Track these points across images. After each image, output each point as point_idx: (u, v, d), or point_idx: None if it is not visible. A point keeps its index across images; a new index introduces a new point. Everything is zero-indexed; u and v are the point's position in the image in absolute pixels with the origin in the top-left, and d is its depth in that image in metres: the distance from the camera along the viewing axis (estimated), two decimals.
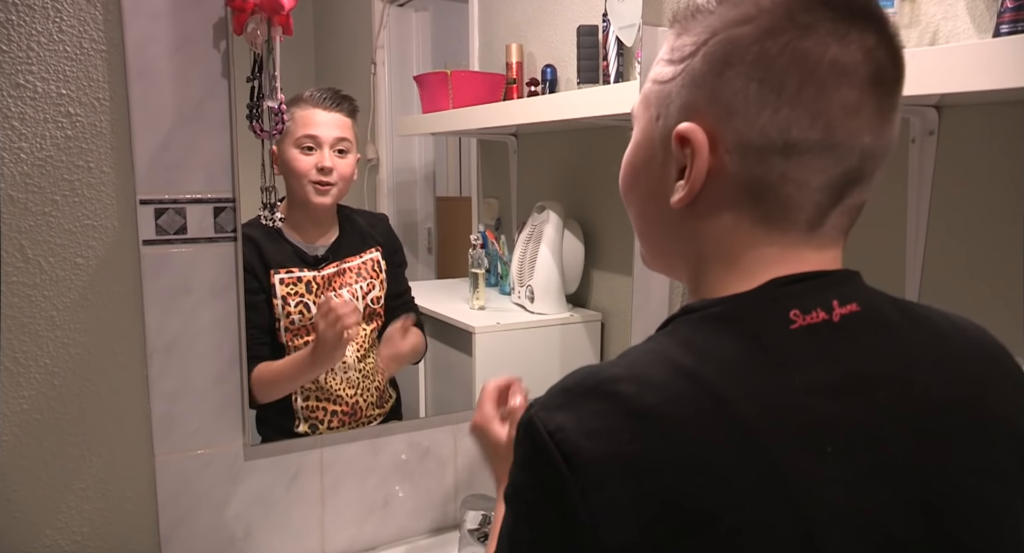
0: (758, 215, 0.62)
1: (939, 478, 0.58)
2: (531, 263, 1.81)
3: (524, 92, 1.79)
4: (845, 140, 0.59)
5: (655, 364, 0.58)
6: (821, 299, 0.60)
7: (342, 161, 1.42)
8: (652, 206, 0.69)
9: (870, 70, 0.59)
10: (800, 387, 0.57)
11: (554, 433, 0.55)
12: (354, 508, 1.36)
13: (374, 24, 1.73)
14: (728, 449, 0.53)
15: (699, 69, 0.62)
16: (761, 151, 0.59)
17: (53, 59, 1.05)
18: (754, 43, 0.59)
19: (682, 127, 0.62)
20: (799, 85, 0.58)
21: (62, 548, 1.15)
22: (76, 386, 1.13)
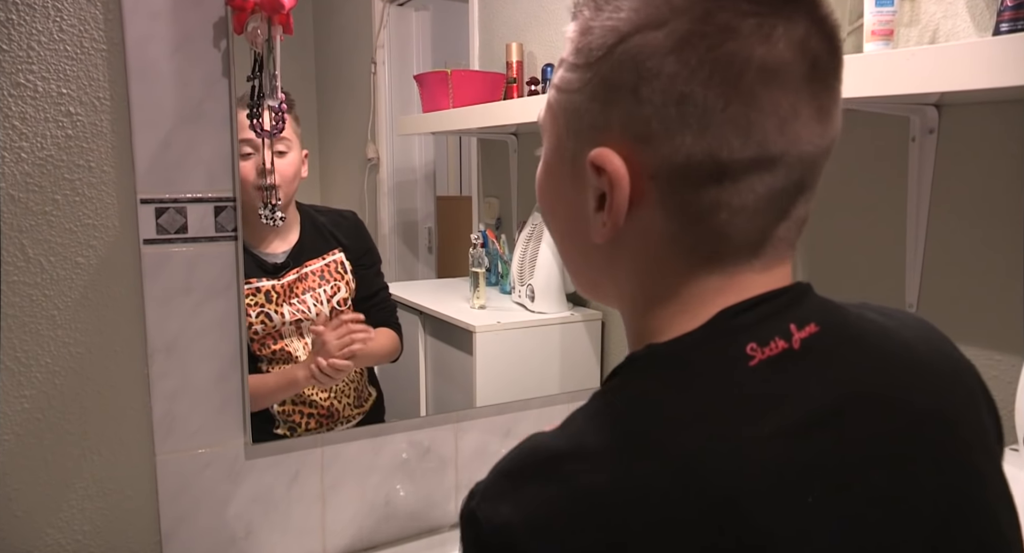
0: (692, 243, 0.54)
1: (931, 503, 0.53)
2: (531, 262, 1.81)
3: (524, 91, 1.79)
4: (783, 153, 0.52)
5: (602, 431, 0.51)
6: (777, 326, 0.53)
7: (281, 161, 1.35)
8: (572, 236, 0.61)
9: (804, 67, 0.51)
10: (770, 434, 0.49)
11: (499, 530, 0.48)
12: (355, 507, 1.36)
13: (374, 23, 1.73)
14: (702, 529, 0.46)
15: (609, 81, 0.53)
16: (688, 177, 0.52)
17: (53, 58, 1.05)
18: (669, 53, 0.50)
19: (596, 154, 0.54)
20: (724, 99, 0.50)
21: (63, 547, 1.15)
22: (77, 385, 1.13)
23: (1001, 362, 1.20)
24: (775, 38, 0.50)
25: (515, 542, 0.47)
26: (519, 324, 1.78)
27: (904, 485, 0.52)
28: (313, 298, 1.44)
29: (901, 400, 0.55)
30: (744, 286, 0.55)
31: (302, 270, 1.44)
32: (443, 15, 1.86)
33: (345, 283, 1.49)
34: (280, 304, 1.40)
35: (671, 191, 0.53)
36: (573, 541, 0.46)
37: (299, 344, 1.43)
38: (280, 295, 1.40)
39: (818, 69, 0.52)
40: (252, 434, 1.35)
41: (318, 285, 1.45)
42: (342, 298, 1.48)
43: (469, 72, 1.83)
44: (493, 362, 1.70)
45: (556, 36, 1.78)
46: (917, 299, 1.30)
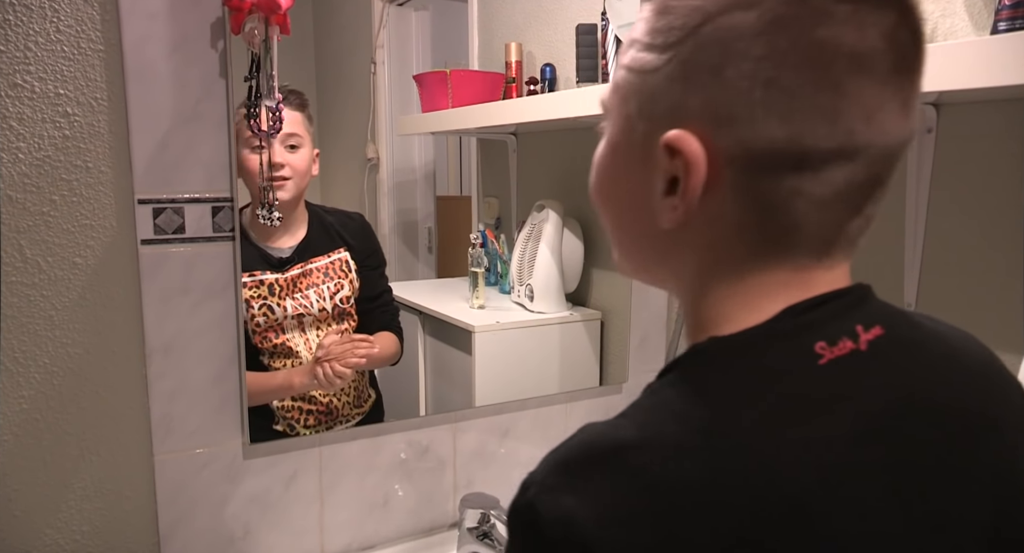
0: (764, 235, 0.53)
1: (991, 509, 0.53)
2: (530, 262, 1.81)
3: (523, 91, 1.79)
4: (867, 145, 0.51)
5: (670, 422, 0.50)
6: (845, 326, 0.53)
7: (294, 156, 1.38)
8: (632, 220, 0.60)
9: (892, 58, 0.50)
10: (843, 434, 0.49)
11: (562, 522, 0.47)
12: (353, 507, 1.36)
13: (374, 23, 1.73)
14: (774, 528, 0.46)
15: (691, 63, 0.52)
16: (768, 163, 0.51)
17: (50, 59, 1.05)
18: (760, 35, 0.49)
19: (672, 135, 0.52)
20: (814, 85, 0.49)
21: (62, 547, 1.15)
22: (75, 386, 1.13)
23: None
24: (867, 26, 0.49)
25: (578, 533, 0.46)
26: (518, 324, 1.78)
27: (961, 492, 0.52)
28: (316, 294, 1.45)
29: (960, 408, 0.55)
30: (810, 283, 0.55)
31: (307, 266, 1.44)
32: (443, 15, 1.86)
33: (349, 281, 1.49)
34: (283, 298, 1.40)
35: (748, 177, 0.51)
36: (639, 534, 0.46)
37: (300, 339, 1.44)
38: (283, 289, 1.41)
39: (904, 61, 0.51)
40: (250, 430, 1.36)
41: (322, 282, 1.46)
42: (345, 296, 1.49)
43: (468, 72, 1.83)
44: (492, 362, 1.70)
45: (555, 36, 1.78)
46: (915, 298, 1.30)
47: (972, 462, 0.53)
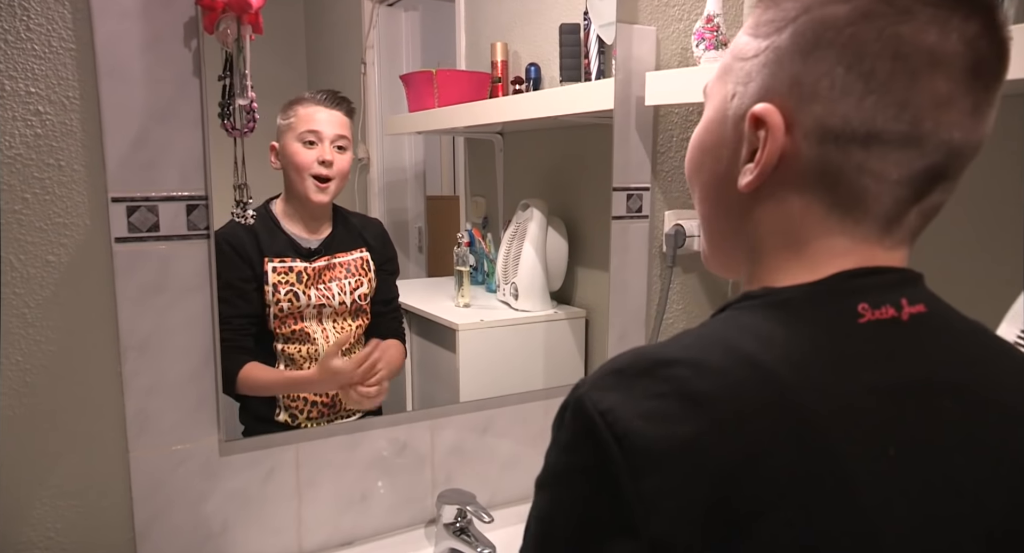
0: (831, 203, 0.59)
1: (1003, 499, 0.56)
2: (515, 261, 1.82)
3: (509, 91, 1.79)
4: (932, 134, 0.56)
5: (713, 348, 0.55)
6: (890, 296, 0.58)
7: (341, 157, 1.47)
8: (717, 189, 0.66)
9: (969, 61, 0.55)
10: (867, 385, 0.54)
11: (605, 413, 0.52)
12: (331, 503, 1.36)
13: (364, 24, 1.74)
14: (790, 444, 0.51)
15: (785, 47, 0.58)
16: (840, 139, 0.56)
17: (21, 57, 1.05)
18: (849, 25, 0.55)
19: (758, 108, 0.59)
20: (890, 73, 0.54)
21: (35, 544, 1.16)
22: (49, 383, 1.13)
23: None
24: (948, 30, 0.54)
25: (619, 424, 0.51)
26: (502, 322, 1.78)
27: (976, 472, 0.56)
28: (338, 287, 1.48)
29: (989, 397, 0.59)
30: (869, 257, 0.60)
31: (332, 260, 1.48)
32: (432, 15, 1.86)
33: (368, 280, 1.53)
34: (308, 286, 1.44)
35: (822, 150, 0.57)
36: (673, 428, 0.51)
37: (318, 327, 1.46)
38: (310, 278, 1.45)
39: (981, 67, 0.56)
40: (248, 417, 1.39)
41: (344, 276, 1.49)
42: (363, 293, 1.51)
43: (454, 72, 1.84)
44: (476, 360, 1.71)
45: (540, 35, 1.79)
46: None
47: (993, 449, 0.57)
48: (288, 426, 1.41)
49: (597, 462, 0.52)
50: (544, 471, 0.58)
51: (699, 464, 0.50)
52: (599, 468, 0.52)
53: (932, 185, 0.59)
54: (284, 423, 1.41)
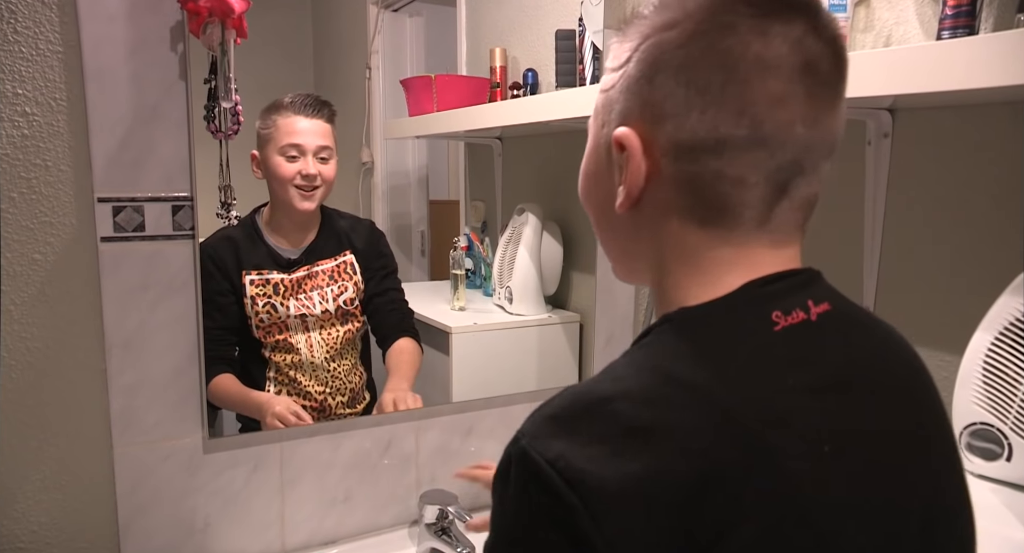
0: (701, 215, 0.62)
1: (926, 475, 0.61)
2: (510, 265, 1.83)
3: (507, 96, 1.80)
4: (774, 133, 0.59)
5: (645, 377, 0.57)
6: (798, 299, 0.61)
7: (325, 167, 1.47)
8: (605, 213, 0.70)
9: (799, 60, 0.58)
10: (793, 388, 0.57)
11: (554, 462, 0.52)
12: (314, 502, 1.37)
13: (369, 29, 1.76)
14: (737, 460, 0.52)
15: (633, 75, 0.63)
16: (693, 151, 0.60)
17: (8, 59, 1.08)
18: (680, 47, 0.60)
19: (617, 132, 0.64)
20: (722, 83, 0.58)
21: (19, 538, 1.18)
22: (34, 379, 1.16)
23: (951, 363, 1.20)
24: (771, 35, 0.58)
25: (569, 468, 0.52)
26: (496, 325, 1.79)
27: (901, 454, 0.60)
28: (320, 296, 1.49)
29: (894, 381, 0.64)
30: (756, 260, 0.63)
31: (313, 268, 1.49)
32: (436, 21, 1.88)
33: (353, 284, 1.53)
34: (287, 298, 1.45)
35: (680, 164, 0.61)
36: (622, 466, 0.52)
37: (302, 337, 1.48)
38: (288, 289, 1.46)
39: (813, 64, 0.59)
40: (240, 420, 1.43)
41: (326, 284, 1.50)
42: (348, 298, 1.52)
43: (453, 77, 1.85)
44: (469, 363, 1.72)
45: (538, 41, 1.80)
46: (873, 301, 1.30)
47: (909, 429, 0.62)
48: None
49: (556, 513, 0.52)
50: (497, 536, 0.57)
51: (656, 497, 0.51)
52: (560, 519, 0.52)
53: (790, 181, 0.61)
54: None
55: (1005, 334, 1.04)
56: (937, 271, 1.22)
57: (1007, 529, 0.97)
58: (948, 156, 1.19)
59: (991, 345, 1.05)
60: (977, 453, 1.08)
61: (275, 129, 1.43)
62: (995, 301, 1.05)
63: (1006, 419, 1.04)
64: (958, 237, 1.19)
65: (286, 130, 1.43)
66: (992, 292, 1.07)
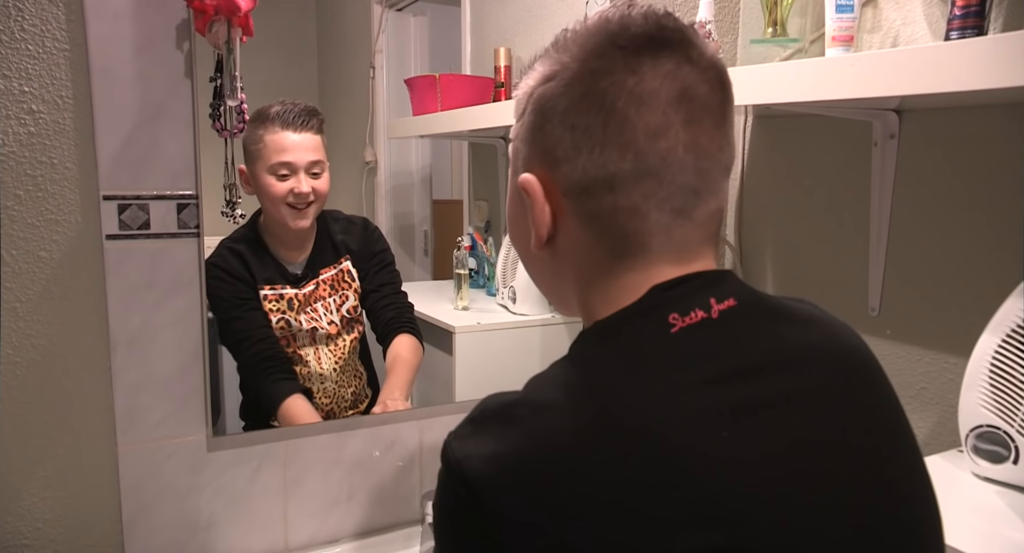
0: (610, 246, 0.67)
1: (831, 450, 0.62)
2: (514, 265, 1.83)
3: (512, 96, 1.80)
4: (659, 163, 0.63)
5: (549, 384, 0.63)
6: (699, 300, 0.64)
7: (318, 182, 1.42)
8: (527, 252, 0.75)
9: (673, 91, 0.63)
10: (688, 383, 0.60)
11: (462, 460, 0.59)
12: (318, 500, 1.37)
13: (373, 28, 1.76)
14: (619, 455, 0.56)
15: (528, 125, 0.69)
16: (588, 189, 0.65)
17: (15, 57, 1.08)
18: (562, 95, 0.65)
19: (520, 179, 0.69)
20: (603, 123, 0.63)
21: (23, 534, 1.18)
22: (39, 376, 1.16)
23: (957, 365, 1.20)
24: (642, 72, 0.62)
25: (471, 470, 0.58)
26: (499, 325, 1.79)
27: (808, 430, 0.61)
28: (323, 307, 1.48)
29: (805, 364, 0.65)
30: (662, 275, 0.66)
31: (317, 280, 1.48)
32: (440, 20, 1.88)
33: (353, 291, 1.53)
34: (299, 312, 1.45)
35: (579, 203, 0.66)
36: (513, 465, 0.57)
37: (310, 350, 1.48)
38: (300, 304, 1.45)
39: (688, 95, 0.63)
40: (249, 419, 1.42)
41: (328, 295, 1.49)
42: (351, 306, 1.52)
43: (457, 76, 1.85)
44: (472, 362, 1.72)
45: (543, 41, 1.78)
46: (879, 301, 1.30)
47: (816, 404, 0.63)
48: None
49: (462, 502, 0.59)
50: (433, 513, 0.65)
51: (538, 495, 0.56)
52: (464, 507, 0.59)
53: (687, 203, 0.65)
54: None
55: (1012, 337, 1.03)
56: (943, 273, 1.22)
57: (1013, 532, 0.97)
58: (955, 157, 1.19)
59: (998, 347, 1.05)
60: (983, 456, 1.08)
61: (263, 145, 1.37)
62: (1001, 303, 1.05)
63: (1013, 422, 1.04)
64: (964, 239, 1.19)
65: (275, 147, 1.37)
66: (998, 294, 1.07)
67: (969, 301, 1.19)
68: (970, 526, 0.97)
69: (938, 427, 1.24)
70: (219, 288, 1.34)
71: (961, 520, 1.00)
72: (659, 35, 0.64)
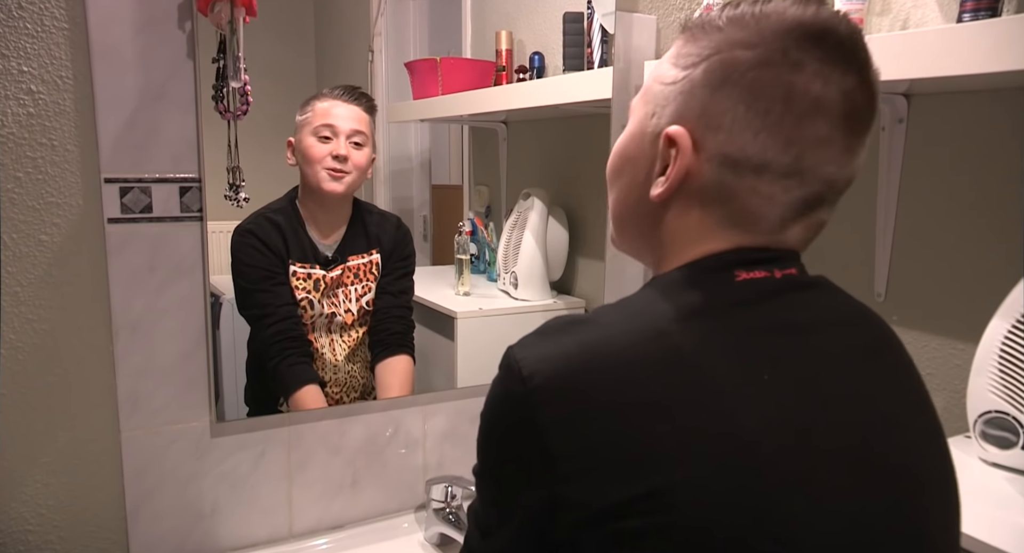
0: (722, 215, 0.69)
1: (865, 409, 0.66)
2: (515, 250, 1.82)
3: (513, 79, 1.79)
4: (812, 168, 0.66)
5: (613, 310, 0.68)
6: (764, 266, 0.68)
7: (357, 152, 1.45)
8: (632, 194, 0.75)
9: (845, 109, 0.65)
10: (741, 327, 0.65)
11: (520, 360, 0.64)
12: (322, 486, 1.37)
13: (372, 11, 1.74)
14: (664, 370, 0.61)
15: (698, 80, 0.68)
16: (737, 165, 0.66)
17: (13, 36, 1.06)
18: (750, 69, 0.65)
19: (672, 130, 0.68)
20: (781, 114, 0.64)
21: (27, 520, 1.17)
22: (41, 361, 1.15)
23: (964, 351, 1.19)
24: (831, 81, 0.65)
25: (527, 366, 0.63)
26: (501, 311, 1.78)
27: (840, 389, 0.66)
28: (344, 295, 1.48)
29: (843, 332, 0.70)
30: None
31: (345, 265, 1.48)
32: (440, 3, 1.86)
33: (376, 284, 1.52)
34: (324, 295, 1.44)
35: (721, 172, 0.67)
36: (564, 366, 0.62)
37: (325, 338, 1.48)
38: (326, 287, 1.45)
39: (854, 114, 0.66)
40: (255, 404, 1.41)
41: (351, 283, 1.49)
42: (370, 299, 1.51)
43: (458, 60, 1.83)
44: (474, 348, 1.71)
45: (544, 24, 1.78)
46: (885, 287, 1.29)
47: (848, 372, 0.68)
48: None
49: (515, 397, 0.63)
50: (481, 422, 0.69)
51: (585, 395, 0.61)
52: (518, 401, 0.63)
53: (812, 208, 0.69)
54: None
55: (1022, 322, 1.03)
56: (951, 258, 1.21)
57: (1020, 517, 0.97)
58: (964, 142, 1.18)
59: (1008, 333, 1.04)
60: (992, 441, 1.07)
61: (312, 114, 1.43)
62: (1010, 289, 1.05)
63: (1022, 407, 1.03)
64: (973, 224, 1.18)
65: (322, 113, 1.43)
66: (1006, 280, 1.06)
67: (976, 287, 1.18)
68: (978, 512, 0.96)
69: (944, 413, 1.23)
70: (252, 257, 1.34)
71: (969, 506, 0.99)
72: (852, 50, 0.66)
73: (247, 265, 1.33)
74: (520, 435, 0.63)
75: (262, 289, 1.32)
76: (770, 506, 0.58)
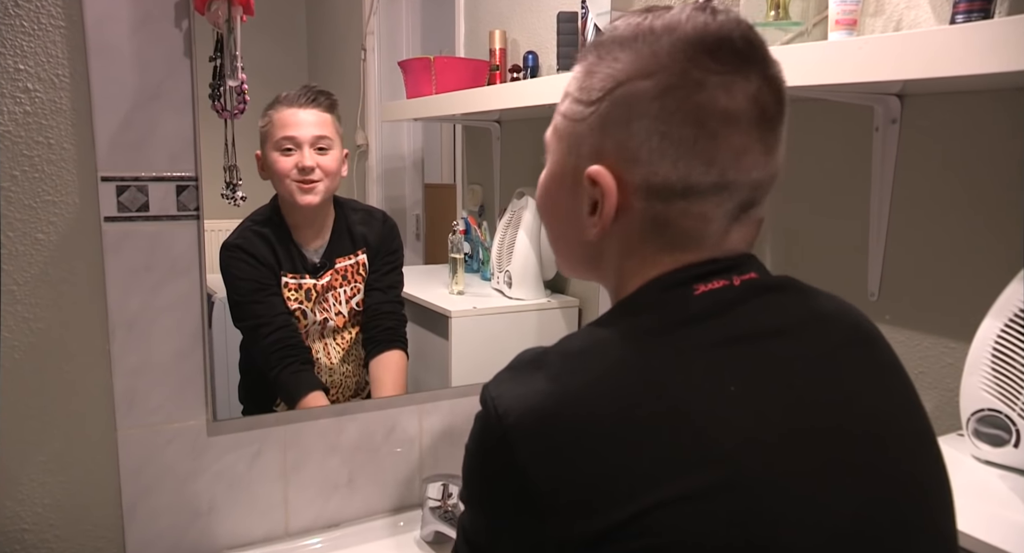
0: (663, 242, 0.70)
1: (849, 408, 0.66)
2: (509, 249, 1.82)
3: (507, 79, 1.79)
4: (736, 179, 0.66)
5: (578, 338, 0.68)
6: (721, 276, 0.68)
7: (324, 158, 1.42)
8: (567, 230, 0.77)
9: (756, 114, 0.66)
10: (706, 342, 0.64)
11: (495, 398, 0.64)
12: (318, 485, 1.37)
13: (364, 10, 1.74)
14: (636, 396, 0.61)
15: (607, 116, 0.68)
16: (663, 193, 0.67)
17: (9, 33, 1.06)
18: (655, 99, 0.65)
19: (593, 170, 0.68)
20: (694, 138, 0.65)
21: (23, 519, 1.17)
22: (37, 360, 1.14)
23: (956, 350, 1.20)
24: (734, 91, 0.65)
25: (501, 404, 0.63)
26: (495, 310, 1.79)
27: (812, 390, 0.65)
28: (334, 298, 1.48)
29: (816, 333, 0.70)
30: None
31: (332, 270, 1.47)
32: (433, 2, 1.86)
33: (365, 284, 1.52)
34: (315, 303, 1.43)
35: (649, 203, 0.68)
36: (537, 403, 0.62)
37: (319, 344, 1.47)
38: (317, 295, 1.44)
39: (766, 115, 0.67)
40: (251, 403, 1.41)
41: (339, 285, 1.49)
42: (360, 300, 1.51)
43: (452, 59, 1.84)
44: (468, 347, 1.71)
45: (538, 23, 1.79)
46: (879, 286, 1.30)
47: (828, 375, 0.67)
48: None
49: (492, 436, 0.64)
50: (465, 461, 0.69)
51: (558, 430, 0.61)
52: (495, 440, 0.63)
53: (746, 211, 0.70)
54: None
55: (1015, 321, 1.04)
56: (944, 258, 1.22)
57: (1015, 514, 0.98)
58: (957, 142, 1.19)
59: (1000, 331, 1.06)
60: (984, 439, 1.08)
61: (271, 125, 1.39)
62: (1003, 288, 1.06)
63: (1014, 405, 1.04)
64: (966, 224, 1.19)
65: (280, 124, 1.39)
66: (998, 280, 1.07)
67: (968, 287, 1.19)
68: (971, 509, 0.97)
69: (936, 411, 1.25)
70: (243, 271, 1.34)
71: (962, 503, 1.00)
72: (749, 53, 0.67)
73: (239, 279, 1.33)
74: (501, 472, 0.63)
75: (255, 300, 1.32)
76: (758, 514, 0.58)
